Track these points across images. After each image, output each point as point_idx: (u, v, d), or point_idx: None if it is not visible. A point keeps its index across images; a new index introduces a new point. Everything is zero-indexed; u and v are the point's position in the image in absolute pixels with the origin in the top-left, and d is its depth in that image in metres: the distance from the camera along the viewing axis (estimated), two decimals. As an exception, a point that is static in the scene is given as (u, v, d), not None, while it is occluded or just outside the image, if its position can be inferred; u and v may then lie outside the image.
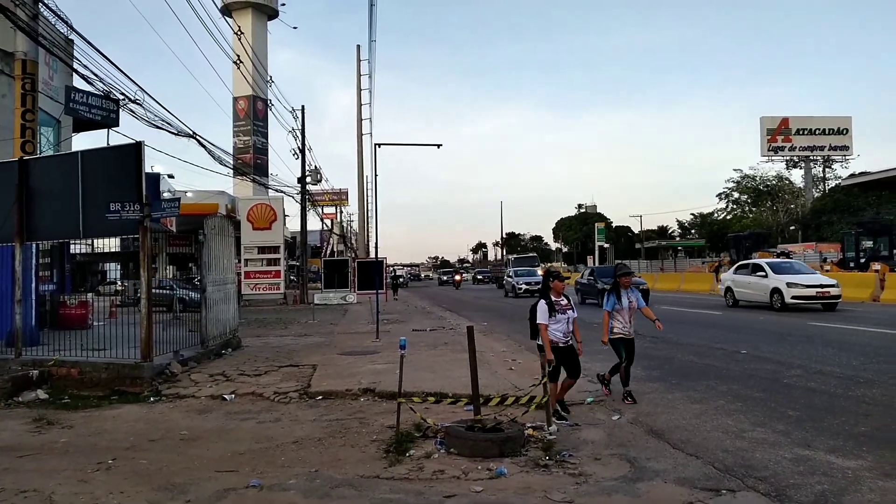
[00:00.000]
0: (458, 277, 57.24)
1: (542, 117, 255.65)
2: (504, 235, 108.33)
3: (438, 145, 21.46)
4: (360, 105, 40.33)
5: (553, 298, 7.14)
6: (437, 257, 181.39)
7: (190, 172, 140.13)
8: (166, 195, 24.42)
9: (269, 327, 19.15)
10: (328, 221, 61.93)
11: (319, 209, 49.11)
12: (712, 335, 14.09)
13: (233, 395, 8.80)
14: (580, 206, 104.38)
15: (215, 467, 5.66)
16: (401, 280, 50.22)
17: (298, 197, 32.44)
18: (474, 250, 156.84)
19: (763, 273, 20.78)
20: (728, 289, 22.57)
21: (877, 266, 25.77)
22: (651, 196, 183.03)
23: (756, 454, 5.62)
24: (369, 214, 53.04)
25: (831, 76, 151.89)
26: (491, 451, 5.89)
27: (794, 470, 5.16)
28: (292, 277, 53.06)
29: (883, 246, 31.56)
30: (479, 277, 71.69)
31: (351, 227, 76.84)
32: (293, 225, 46.66)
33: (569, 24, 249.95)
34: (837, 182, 55.00)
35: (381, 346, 13.59)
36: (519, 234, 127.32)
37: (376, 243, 19.84)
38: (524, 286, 33.54)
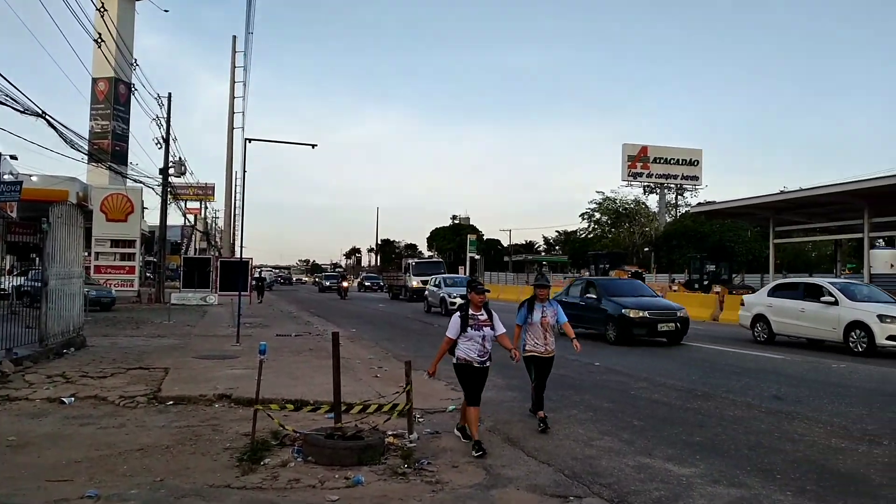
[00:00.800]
0: (344, 284, 45.57)
1: (419, 127, 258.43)
2: (379, 242, 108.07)
3: (313, 145, 21.01)
4: (232, 98, 38.74)
5: (471, 311, 6.37)
6: (308, 260, 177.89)
7: (38, 155, 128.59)
8: (7, 177, 22.29)
9: (118, 326, 17.91)
10: (191, 217, 58.92)
11: (182, 203, 46.61)
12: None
13: (72, 399, 8.12)
14: (454, 217, 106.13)
15: (46, 476, 5.19)
16: (265, 282, 46.04)
17: (159, 189, 30.63)
18: (348, 255, 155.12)
19: (830, 299, 14.42)
20: (760, 317, 16.28)
21: (717, 288, 28.14)
22: (520, 211, 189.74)
23: (602, 462, 5.93)
24: (236, 212, 51.19)
25: (688, 111, 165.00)
26: (349, 459, 5.81)
27: (635, 477, 5.49)
28: (148, 274, 50.01)
29: (723, 270, 34.51)
30: (366, 284, 61.58)
31: (216, 225, 73.65)
32: (152, 218, 44.06)
33: (448, 38, 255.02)
34: (687, 209, 59.65)
35: (241, 350, 13.07)
36: (394, 242, 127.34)
37: (242, 242, 19.08)
38: (458, 299, 22.76)
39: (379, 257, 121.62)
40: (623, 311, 15.28)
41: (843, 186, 28.71)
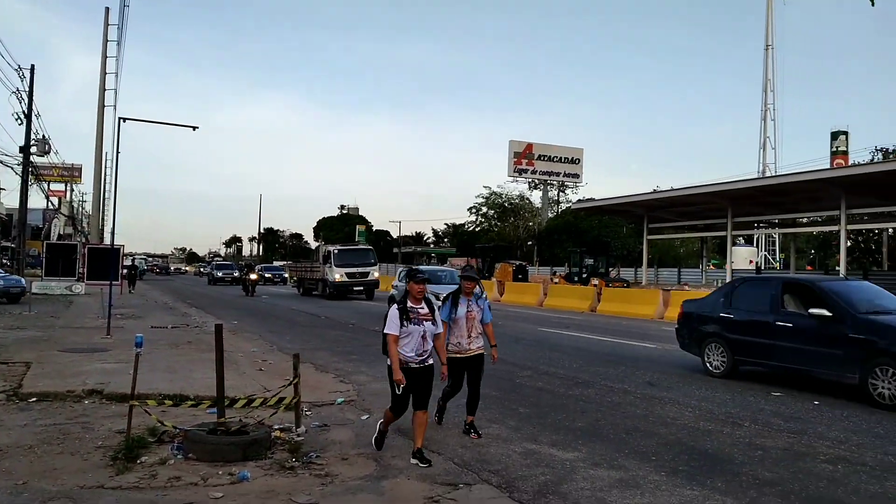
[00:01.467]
0: (253, 276, 34.83)
1: (305, 115, 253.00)
2: (262, 230, 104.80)
3: (194, 127, 19.91)
4: (104, 73, 36.13)
5: (409, 304, 5.68)
6: (185, 249, 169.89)
7: None
8: None
9: (-30, 318, 16.32)
10: (55, 200, 54.61)
11: (45, 185, 43.08)
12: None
13: (-87, 398, 7.31)
14: (342, 206, 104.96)
15: None
16: (138, 271, 42.23)
17: (19, 168, 28.15)
18: (228, 244, 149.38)
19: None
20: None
21: (595, 281, 29.48)
22: (410, 203, 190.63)
23: (491, 449, 6.05)
24: (106, 196, 47.88)
25: (572, 112, 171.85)
26: (234, 455, 5.59)
27: (522, 463, 5.64)
28: (5, 261, 45.92)
29: (601, 264, 36.21)
30: (267, 276, 49.00)
31: (83, 209, 68.72)
32: (10, 200, 40.44)
33: (339, 26, 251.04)
34: (568, 205, 62.05)
35: (112, 343, 12.27)
36: (278, 231, 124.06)
37: (113, 229, 17.88)
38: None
39: (262, 247, 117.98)
40: None
41: (709, 188, 30.88)
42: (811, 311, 8.76)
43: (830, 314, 8.53)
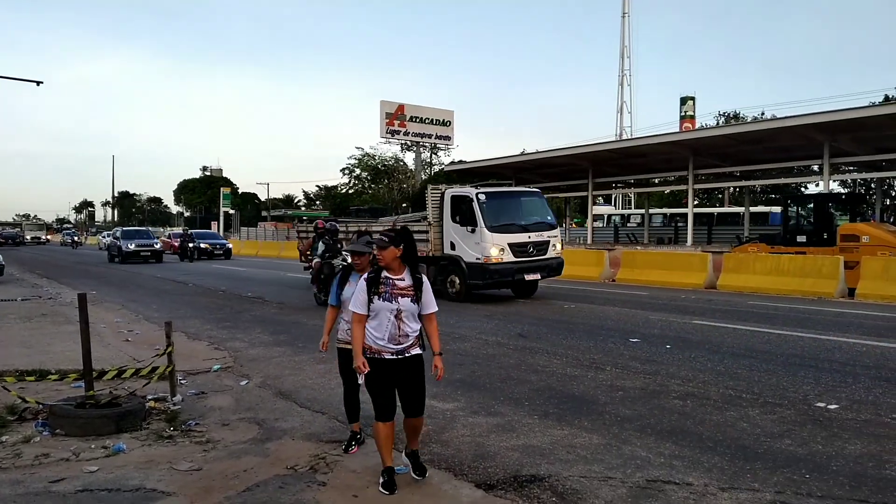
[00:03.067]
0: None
1: (161, 70, 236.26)
2: (116, 194, 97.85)
3: (38, 82, 18.36)
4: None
5: (385, 274, 4.26)
6: (30, 215, 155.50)
7: None
8: None
9: None
10: None
11: None
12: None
13: None
14: (205, 168, 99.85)
15: None
16: None
17: None
18: (78, 209, 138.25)
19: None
20: None
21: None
22: (279, 165, 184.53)
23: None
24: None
25: (442, 75, 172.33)
26: (106, 428, 5.38)
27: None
28: None
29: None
30: (203, 246, 34.32)
31: None
32: None
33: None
34: (441, 167, 62.71)
35: (-47, 318, 11.18)
36: (134, 195, 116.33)
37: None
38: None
39: (117, 212, 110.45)
40: None
41: (572, 150, 32.36)
42: None
43: None
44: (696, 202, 36.65)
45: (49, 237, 76.71)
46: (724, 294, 15.66)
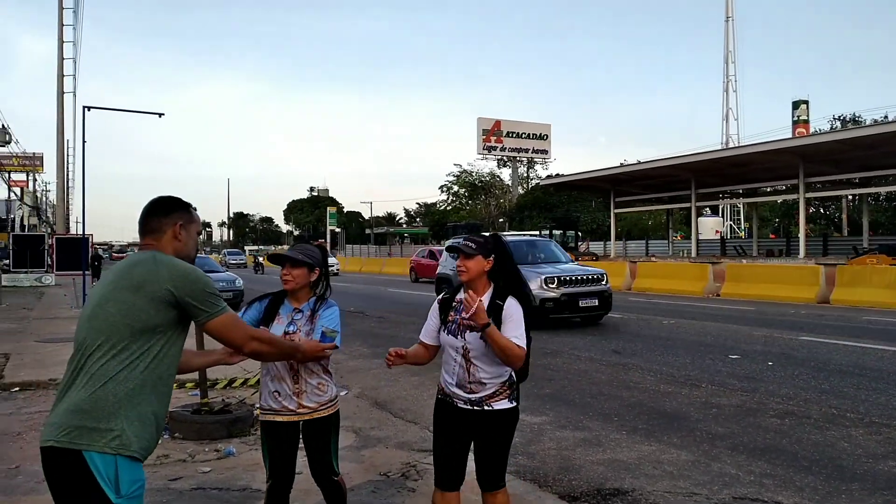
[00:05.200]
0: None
1: (273, 96, 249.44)
2: (231, 215, 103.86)
3: (160, 114, 19.84)
4: (61, 59, 35.36)
5: (461, 296, 3.04)
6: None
7: None
8: None
9: (-60, 313, 16.19)
10: (17, 190, 53.48)
11: (6, 174, 42.20)
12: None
13: None
14: (312, 188, 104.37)
15: None
16: (102, 261, 40.65)
17: (-19, 160, 27.61)
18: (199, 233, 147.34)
19: None
20: None
21: (565, 255, 30.04)
22: (381, 184, 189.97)
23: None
24: (70, 184, 47.02)
25: (539, 88, 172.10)
26: (219, 433, 5.85)
27: (493, 428, 5.98)
28: (-31, 254, 45.02)
29: (570, 238, 36.84)
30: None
31: (47, 198, 67.41)
32: (-28, 193, 39.55)
33: (303, 2, 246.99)
34: (537, 181, 62.58)
35: (89, 331, 12.34)
36: (248, 215, 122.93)
37: (84, 218, 17.75)
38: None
39: (232, 232, 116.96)
40: None
41: (673, 161, 31.51)
42: None
43: None
44: (810, 211, 34.67)
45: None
46: (838, 309, 14.81)
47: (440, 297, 3.28)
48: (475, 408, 3.05)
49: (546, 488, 4.58)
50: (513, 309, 3.01)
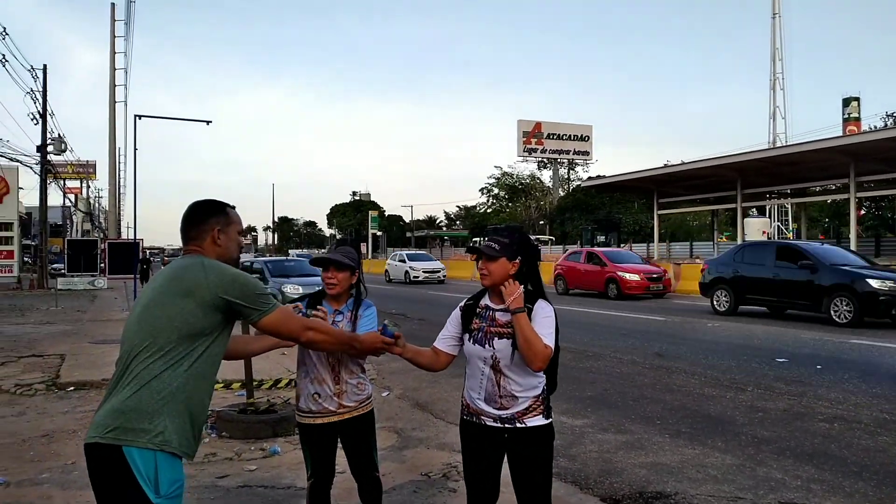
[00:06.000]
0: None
1: (314, 101, 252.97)
2: (276, 219, 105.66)
3: (208, 122, 20.45)
4: (113, 69, 36.53)
5: (485, 302, 2.89)
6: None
7: None
8: None
9: (1, 314, 16.89)
10: (72, 197, 55.41)
11: (62, 182, 43.73)
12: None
13: (-39, 391, 7.77)
14: (354, 193, 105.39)
15: (-54, 469, 5.05)
16: (151, 264, 41.64)
17: (37, 167, 28.71)
18: (243, 234, 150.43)
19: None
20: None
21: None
22: (421, 187, 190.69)
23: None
24: (121, 191, 48.56)
25: (580, 88, 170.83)
26: (264, 432, 5.98)
27: (534, 430, 5.99)
28: (27, 259, 46.81)
29: (612, 240, 36.46)
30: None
31: (100, 205, 69.65)
32: (29, 200, 41.08)
33: (341, 8, 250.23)
34: (579, 183, 62.06)
35: (140, 333, 12.73)
36: (292, 220, 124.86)
37: (135, 223, 18.33)
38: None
39: (276, 236, 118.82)
40: None
41: (718, 160, 30.90)
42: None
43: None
44: (861, 211, 33.63)
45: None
46: (892, 311, 14.31)
47: (462, 303, 2.98)
48: (506, 425, 2.76)
49: (587, 490, 4.57)
50: (546, 310, 2.79)
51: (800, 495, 4.30)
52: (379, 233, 79.56)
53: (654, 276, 20.06)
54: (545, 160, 65.76)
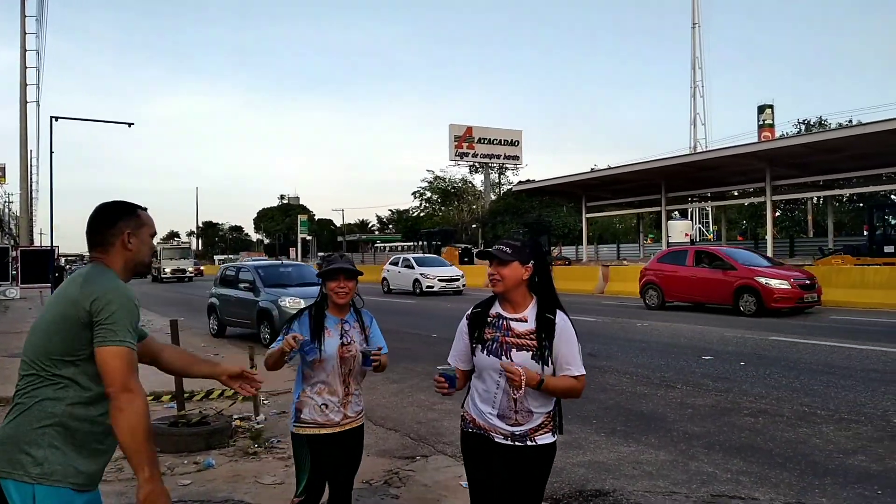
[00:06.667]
0: None
1: (239, 104, 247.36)
2: (200, 224, 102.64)
3: (130, 124, 19.70)
4: (24, 68, 34.73)
5: (497, 310, 2.72)
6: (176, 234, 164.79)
7: None
8: None
9: None
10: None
11: (-31, 187, 41.20)
12: (407, 321, 15.29)
13: None
14: (282, 197, 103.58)
15: None
16: (66, 272, 39.97)
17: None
18: (165, 240, 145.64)
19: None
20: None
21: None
22: (352, 191, 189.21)
23: (444, 423, 6.41)
24: (34, 195, 46.13)
25: (511, 94, 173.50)
26: (197, 445, 5.79)
27: (474, 434, 6.02)
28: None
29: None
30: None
31: (10, 210, 65.98)
32: (-68, 205, 38.54)
33: (266, 10, 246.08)
34: (509, 187, 62.93)
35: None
36: (217, 224, 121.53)
37: (52, 230, 17.43)
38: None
39: (201, 241, 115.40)
40: None
41: (643, 165, 31.97)
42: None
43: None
44: (777, 213, 35.38)
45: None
46: (806, 308, 15.12)
47: (470, 311, 2.76)
48: (516, 443, 2.63)
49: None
50: (568, 329, 2.63)
51: (730, 487, 4.48)
52: (309, 237, 78.46)
53: (806, 282, 14.66)
54: (477, 164, 66.38)
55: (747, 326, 12.46)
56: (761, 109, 61.76)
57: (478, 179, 68.03)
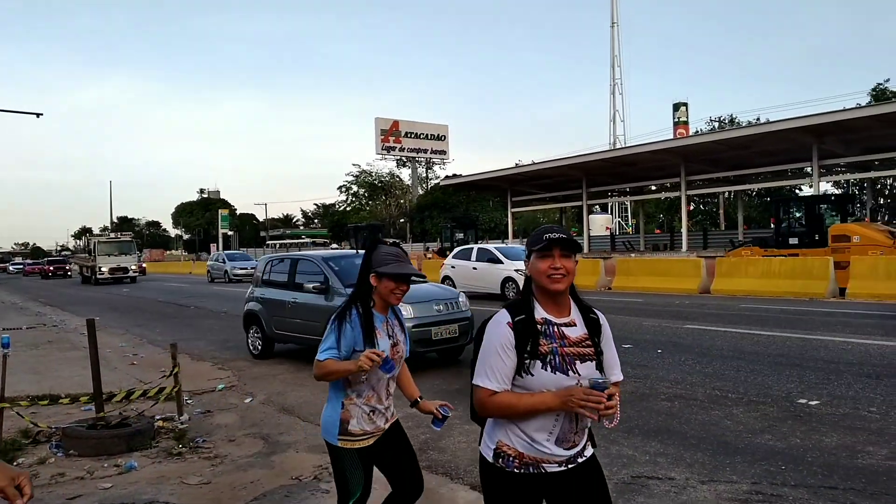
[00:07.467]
0: None
1: (155, 95, 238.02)
2: (115, 220, 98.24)
3: (38, 114, 18.67)
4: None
5: (543, 314, 2.23)
6: (27, 244, 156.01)
7: None
8: None
9: None
10: None
11: None
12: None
13: None
14: (202, 191, 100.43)
15: None
16: None
17: None
18: (77, 236, 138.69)
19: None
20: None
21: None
22: (276, 185, 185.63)
23: (374, 417, 6.43)
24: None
25: (436, 88, 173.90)
26: (118, 447, 5.61)
27: (403, 424, 6.07)
28: None
29: (470, 237, 37.43)
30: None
31: None
32: None
33: (190, 3, 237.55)
34: (437, 182, 63.17)
35: (-38, 348, 11.41)
36: (133, 219, 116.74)
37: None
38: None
39: (118, 236, 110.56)
40: None
41: (565, 161, 32.75)
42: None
43: None
44: (691, 207, 36.95)
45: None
46: (718, 298, 15.93)
47: (509, 318, 2.20)
48: (569, 466, 2.26)
49: (458, 480, 4.72)
50: (608, 329, 2.35)
51: (648, 469, 4.71)
52: (230, 232, 76.50)
53: None
54: (404, 158, 66.31)
55: (657, 315, 13.01)
56: (676, 107, 64.27)
57: (405, 173, 68.06)
